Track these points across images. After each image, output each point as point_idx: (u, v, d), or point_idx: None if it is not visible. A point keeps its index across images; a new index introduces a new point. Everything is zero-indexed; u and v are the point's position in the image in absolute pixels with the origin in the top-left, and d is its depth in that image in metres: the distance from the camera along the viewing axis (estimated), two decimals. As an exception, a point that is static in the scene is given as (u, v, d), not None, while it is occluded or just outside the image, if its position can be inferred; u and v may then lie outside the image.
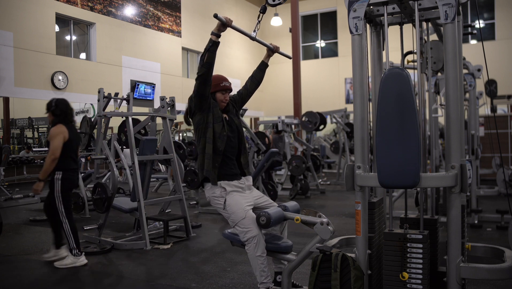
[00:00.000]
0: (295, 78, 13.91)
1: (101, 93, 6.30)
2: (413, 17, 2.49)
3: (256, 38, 3.05)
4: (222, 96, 3.00)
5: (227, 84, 3.01)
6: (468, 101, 6.31)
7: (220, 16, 2.70)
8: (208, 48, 2.77)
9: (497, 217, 5.47)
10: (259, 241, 2.73)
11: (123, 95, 7.60)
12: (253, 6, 20.44)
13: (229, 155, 2.96)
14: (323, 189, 9.35)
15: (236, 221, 2.80)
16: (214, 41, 2.77)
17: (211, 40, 2.77)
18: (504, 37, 16.33)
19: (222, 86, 2.99)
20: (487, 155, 9.36)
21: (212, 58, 2.78)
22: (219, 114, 2.95)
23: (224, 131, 2.91)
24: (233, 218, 2.82)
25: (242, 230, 2.77)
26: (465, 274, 2.27)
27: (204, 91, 2.85)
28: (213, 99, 2.98)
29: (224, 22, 2.71)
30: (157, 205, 6.30)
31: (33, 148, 15.22)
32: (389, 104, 2.20)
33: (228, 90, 3.03)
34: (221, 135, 2.90)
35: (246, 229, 2.75)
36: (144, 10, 14.89)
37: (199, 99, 2.87)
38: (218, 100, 3.00)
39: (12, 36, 11.18)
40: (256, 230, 2.73)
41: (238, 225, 2.80)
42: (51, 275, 3.84)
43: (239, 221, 2.78)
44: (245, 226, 2.76)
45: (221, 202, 2.88)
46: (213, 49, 2.78)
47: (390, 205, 2.66)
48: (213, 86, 2.95)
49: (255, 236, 2.72)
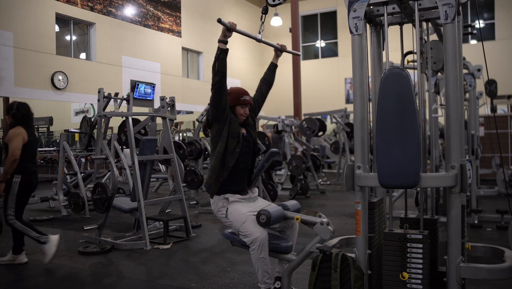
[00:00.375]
0: (295, 78, 13.90)
1: (101, 93, 6.30)
2: (413, 17, 2.49)
3: (262, 40, 3.04)
4: (242, 110, 2.96)
5: (247, 98, 2.96)
6: (468, 101, 6.30)
7: (224, 21, 2.68)
8: (217, 57, 2.74)
9: (497, 217, 5.47)
10: (262, 243, 2.70)
11: (123, 95, 7.61)
12: (253, 6, 20.44)
13: (239, 170, 2.93)
14: (323, 189, 9.35)
15: (238, 226, 2.77)
16: (222, 49, 2.75)
17: (219, 48, 2.74)
18: (504, 37, 16.33)
19: (242, 100, 2.94)
20: (487, 155, 9.36)
21: (223, 65, 2.76)
22: (237, 130, 2.90)
23: (237, 148, 2.87)
24: (235, 225, 2.80)
25: (245, 234, 2.74)
26: (465, 274, 2.27)
27: (220, 101, 2.80)
28: (233, 113, 2.94)
29: (228, 27, 2.70)
30: (157, 205, 6.30)
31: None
32: (389, 104, 2.20)
33: (248, 104, 2.98)
34: (233, 151, 2.85)
35: (248, 232, 2.72)
36: (144, 10, 14.89)
37: (215, 108, 2.83)
38: (238, 114, 2.95)
39: (12, 36, 11.18)
40: (258, 232, 2.70)
41: (240, 231, 2.77)
42: (51, 275, 3.84)
43: (241, 226, 2.76)
44: (247, 230, 2.73)
45: (223, 212, 2.86)
46: (223, 56, 2.75)
47: (390, 205, 2.66)
48: (233, 100, 2.92)
49: (258, 237, 2.69)
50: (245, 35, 2.95)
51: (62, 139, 6.65)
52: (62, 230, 5.71)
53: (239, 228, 2.77)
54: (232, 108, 2.94)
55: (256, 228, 2.72)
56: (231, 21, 2.74)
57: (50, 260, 3.95)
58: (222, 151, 2.85)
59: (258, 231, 2.71)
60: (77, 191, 6.27)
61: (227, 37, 2.75)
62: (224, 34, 2.73)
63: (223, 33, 2.73)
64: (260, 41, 3.03)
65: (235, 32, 2.79)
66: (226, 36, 2.74)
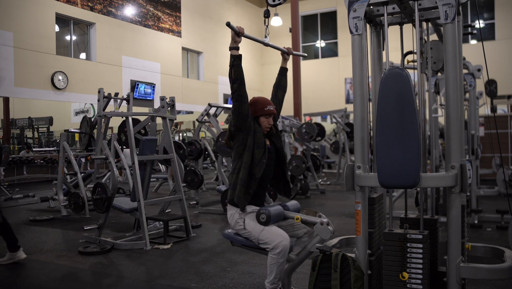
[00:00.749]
0: (295, 78, 13.91)
1: (101, 93, 6.30)
2: (413, 17, 2.49)
3: (270, 44, 3.04)
4: (266, 121, 2.91)
5: (271, 108, 2.91)
6: (468, 101, 6.30)
7: (232, 24, 2.66)
8: (232, 64, 2.72)
9: (497, 217, 5.47)
10: (285, 249, 2.63)
11: (123, 95, 7.61)
12: (253, 6, 20.44)
13: (263, 182, 2.88)
14: (323, 189, 9.35)
15: (257, 235, 2.69)
16: (235, 55, 2.73)
17: (232, 55, 2.72)
18: (504, 37, 16.33)
19: (266, 110, 2.90)
20: (487, 155, 9.36)
21: (239, 72, 2.72)
22: (262, 140, 2.83)
23: (264, 158, 2.81)
24: (254, 235, 2.72)
25: (265, 242, 2.66)
26: (465, 274, 2.27)
27: (241, 108, 2.76)
28: (257, 124, 2.89)
29: (237, 31, 2.68)
30: (157, 205, 6.30)
31: (33, 148, 15.23)
32: (389, 104, 2.20)
33: (272, 114, 2.93)
34: (260, 162, 2.79)
35: (268, 238, 2.65)
36: (144, 10, 14.89)
37: (237, 117, 2.78)
38: (262, 124, 2.90)
39: (12, 36, 11.18)
40: (279, 238, 2.62)
41: (260, 239, 2.69)
42: (51, 275, 3.84)
43: (260, 234, 2.68)
44: (267, 237, 2.65)
45: (241, 223, 2.78)
46: (237, 63, 2.73)
47: (390, 205, 2.66)
48: (257, 110, 2.88)
49: (280, 242, 2.61)
50: (252, 39, 2.95)
51: (62, 139, 6.65)
52: (62, 230, 5.72)
53: (259, 237, 2.69)
54: (256, 118, 2.89)
55: (277, 233, 2.65)
56: (238, 26, 2.72)
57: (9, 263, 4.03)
58: (249, 162, 2.77)
59: (280, 236, 2.64)
60: (77, 191, 6.27)
61: (238, 43, 2.73)
62: (234, 40, 2.72)
63: (233, 39, 2.72)
64: (268, 45, 3.03)
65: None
66: (236, 42, 2.72)
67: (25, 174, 11.05)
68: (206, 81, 17.67)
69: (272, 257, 2.65)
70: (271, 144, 2.97)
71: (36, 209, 7.26)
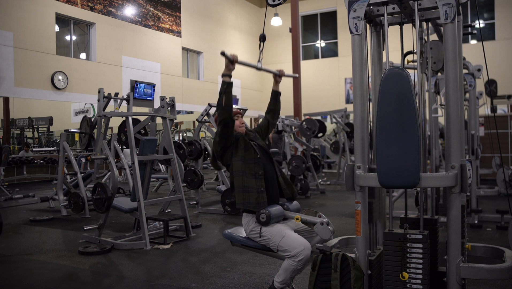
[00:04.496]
0: (295, 78, 13.89)
1: (101, 93, 6.29)
2: (413, 17, 2.48)
3: (262, 68, 3.07)
4: (237, 122, 2.95)
5: (234, 109, 2.94)
6: (468, 101, 6.30)
7: (226, 53, 2.69)
8: (223, 91, 2.73)
9: (497, 217, 5.47)
10: (306, 258, 2.59)
11: (123, 95, 7.60)
12: (253, 6, 20.43)
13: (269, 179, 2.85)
14: (323, 189, 9.35)
15: (277, 242, 2.64)
16: (228, 82, 2.75)
17: (224, 82, 2.74)
18: (504, 37, 16.34)
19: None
20: (487, 155, 9.36)
21: (230, 99, 2.74)
22: (246, 142, 2.87)
23: (256, 154, 2.83)
24: (274, 242, 2.66)
25: (286, 249, 2.61)
26: (465, 274, 2.27)
27: (228, 134, 2.79)
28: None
29: (231, 59, 2.71)
30: (157, 205, 6.30)
31: (33, 148, 15.23)
32: (389, 104, 2.20)
33: (237, 114, 2.96)
34: (255, 159, 2.81)
35: (290, 246, 2.60)
36: (144, 10, 14.89)
37: (224, 140, 2.80)
38: (236, 129, 2.94)
39: (12, 36, 11.19)
40: (302, 246, 2.58)
41: (280, 246, 2.63)
42: (51, 275, 3.84)
43: (280, 241, 2.63)
44: (289, 244, 2.61)
45: (257, 231, 2.73)
46: (229, 90, 2.75)
47: (390, 205, 2.66)
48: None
49: (302, 251, 2.58)
50: (246, 65, 2.97)
51: (62, 139, 6.65)
52: (62, 230, 5.72)
53: (279, 243, 2.64)
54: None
55: (298, 242, 2.62)
56: (232, 53, 2.74)
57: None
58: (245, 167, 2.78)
59: (302, 245, 2.60)
60: (77, 191, 6.27)
61: (231, 70, 2.75)
62: (228, 68, 2.74)
63: (227, 67, 2.74)
64: (261, 69, 3.06)
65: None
66: (230, 70, 2.74)
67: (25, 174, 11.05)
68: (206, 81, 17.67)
69: (291, 263, 2.61)
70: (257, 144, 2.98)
71: (36, 209, 7.26)
